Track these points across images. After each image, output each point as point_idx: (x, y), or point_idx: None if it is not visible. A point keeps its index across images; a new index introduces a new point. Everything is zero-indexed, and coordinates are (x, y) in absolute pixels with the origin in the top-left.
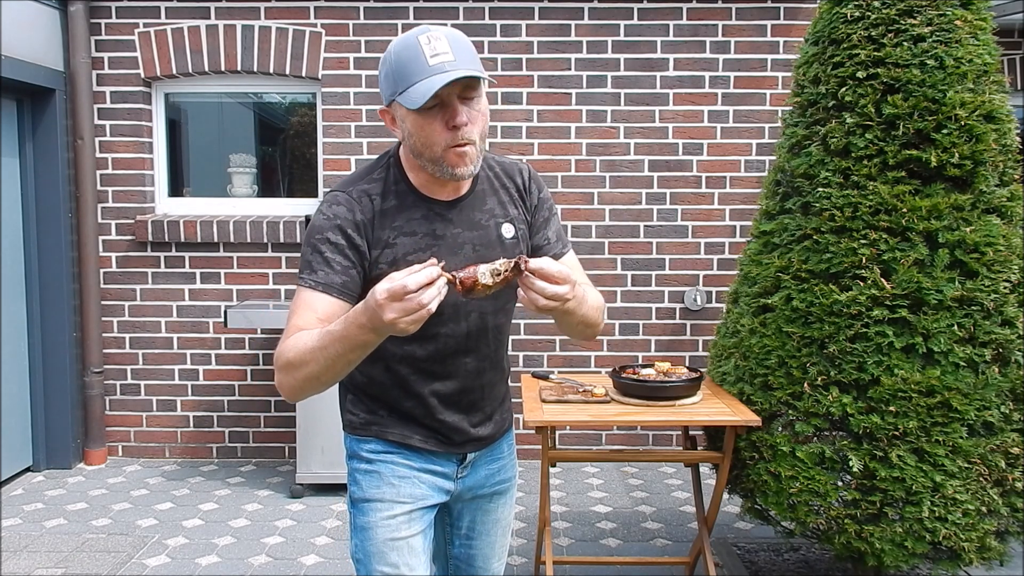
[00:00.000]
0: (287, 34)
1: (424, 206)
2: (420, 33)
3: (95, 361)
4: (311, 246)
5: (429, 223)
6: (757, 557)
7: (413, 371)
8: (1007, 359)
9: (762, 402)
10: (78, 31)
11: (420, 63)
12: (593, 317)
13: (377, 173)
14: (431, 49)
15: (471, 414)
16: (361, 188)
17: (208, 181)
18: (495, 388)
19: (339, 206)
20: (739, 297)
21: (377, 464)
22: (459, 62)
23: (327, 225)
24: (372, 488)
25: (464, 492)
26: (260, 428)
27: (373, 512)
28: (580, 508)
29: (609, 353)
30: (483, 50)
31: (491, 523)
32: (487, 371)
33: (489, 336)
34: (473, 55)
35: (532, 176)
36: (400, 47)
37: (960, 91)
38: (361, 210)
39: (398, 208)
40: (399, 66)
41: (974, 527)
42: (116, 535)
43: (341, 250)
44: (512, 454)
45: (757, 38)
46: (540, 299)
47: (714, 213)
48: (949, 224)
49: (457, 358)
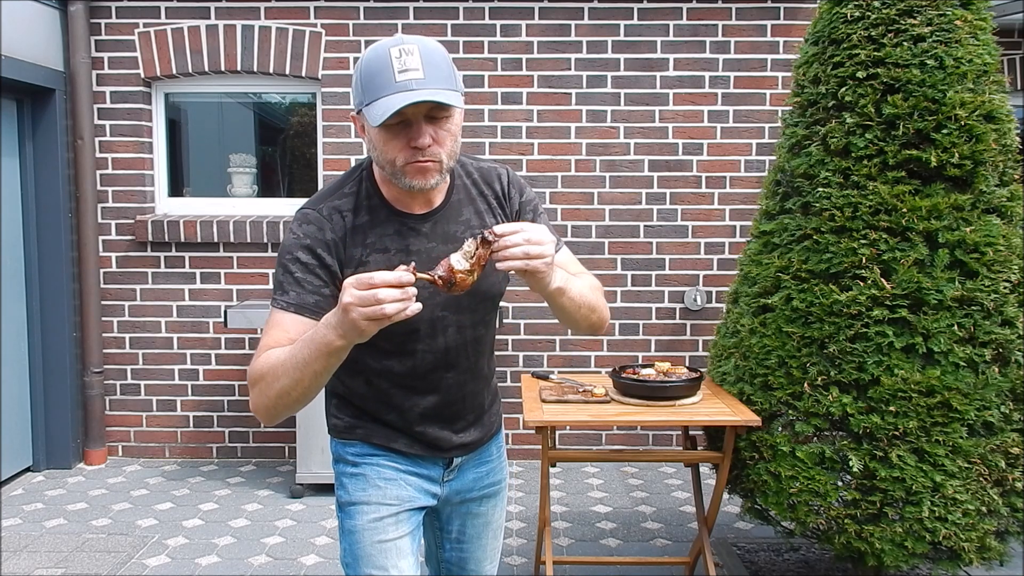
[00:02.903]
0: (287, 34)
1: (397, 221)
2: (393, 44)
3: (95, 361)
4: (282, 266)
5: (402, 238)
6: (757, 557)
7: (393, 385)
8: (1007, 359)
9: (762, 402)
10: (78, 31)
11: (386, 77)
12: (593, 298)
13: (349, 187)
14: (400, 64)
15: (454, 423)
16: (332, 205)
17: (208, 181)
18: (477, 397)
19: (309, 224)
20: (739, 297)
21: (363, 467)
22: (428, 80)
23: (297, 245)
24: (358, 491)
25: (452, 496)
26: (260, 428)
27: (360, 515)
28: (580, 508)
29: (609, 353)
30: (483, 50)
31: (481, 526)
32: (468, 383)
33: (468, 349)
34: (446, 73)
35: (512, 180)
36: (371, 57)
37: (960, 91)
38: (332, 228)
39: (370, 224)
40: (367, 77)
41: (974, 527)
42: (116, 535)
43: (311, 269)
44: (501, 457)
45: (757, 38)
46: (518, 262)
47: (714, 213)
48: (949, 224)
49: (436, 373)
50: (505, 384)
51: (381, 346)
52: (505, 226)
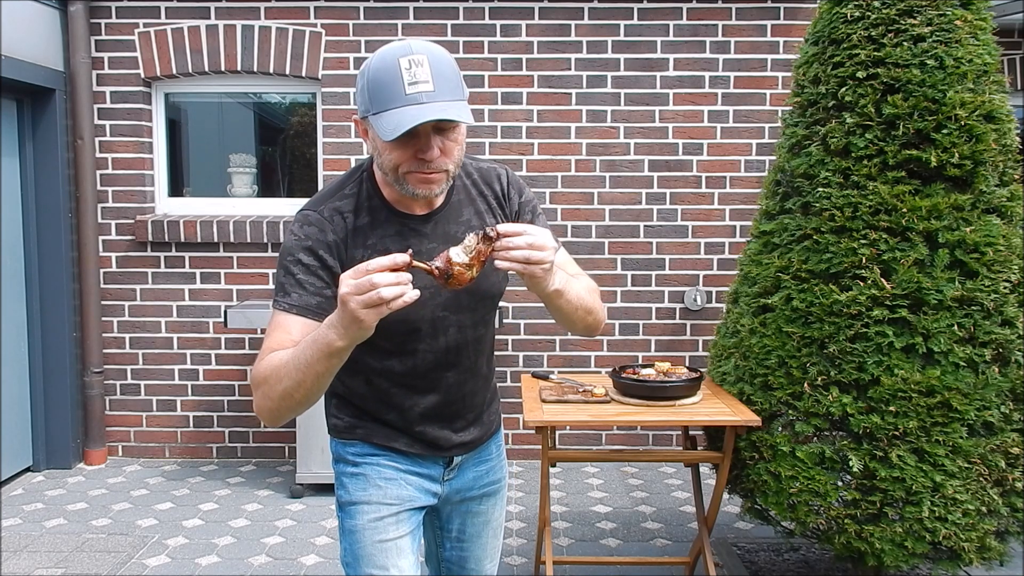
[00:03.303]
0: (287, 34)
1: (398, 222)
2: (402, 55)
3: (95, 361)
4: (283, 268)
5: (403, 239)
6: (757, 557)
7: (393, 385)
8: (1007, 359)
9: (762, 402)
10: (78, 31)
11: (396, 89)
12: (590, 300)
13: (349, 188)
14: (411, 76)
15: (454, 422)
16: (332, 206)
17: (208, 181)
18: (477, 396)
19: (310, 226)
20: (739, 297)
21: (363, 467)
22: (438, 93)
23: (298, 246)
24: (359, 491)
25: (452, 495)
26: (260, 428)
27: (360, 515)
28: (580, 508)
29: (609, 353)
30: (483, 50)
31: (481, 525)
32: (468, 382)
33: (469, 349)
34: (455, 84)
35: (511, 181)
36: (379, 65)
37: (960, 91)
38: (333, 229)
39: (371, 225)
40: (375, 86)
41: (974, 527)
42: (116, 535)
43: (313, 271)
44: (501, 455)
45: (757, 38)
46: (518, 264)
47: (714, 213)
48: (949, 224)
49: (437, 372)
50: (505, 384)
51: (382, 346)
52: (510, 226)
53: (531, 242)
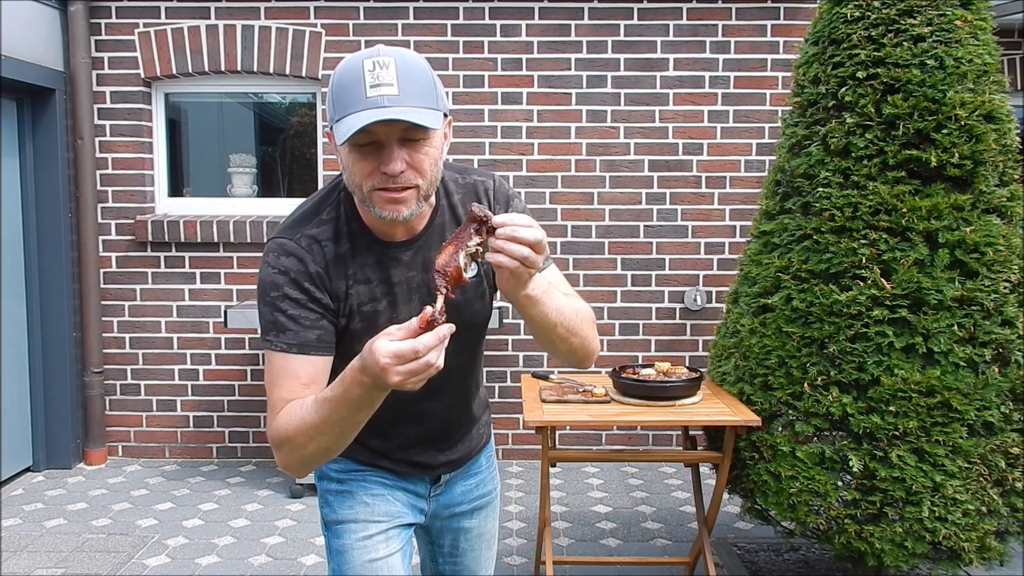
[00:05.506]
0: (287, 34)
1: (378, 249)
2: (367, 56)
3: (95, 361)
4: (270, 305)
5: (383, 269)
6: (757, 557)
7: (375, 415)
8: (1007, 359)
9: (762, 402)
10: (78, 31)
11: (357, 92)
12: (574, 320)
13: (327, 213)
14: (373, 78)
15: (439, 444)
16: (309, 234)
17: (208, 181)
18: (464, 416)
19: (288, 257)
20: (739, 297)
21: (348, 483)
22: (402, 97)
23: (280, 281)
24: (345, 509)
25: (440, 510)
26: (260, 428)
27: (348, 534)
28: (580, 508)
29: (609, 353)
30: (483, 50)
31: (474, 538)
32: (453, 407)
33: (452, 376)
34: (426, 90)
35: (496, 194)
36: (343, 69)
37: (960, 91)
38: (313, 260)
39: (352, 252)
40: (338, 91)
41: (974, 527)
42: (116, 535)
43: (303, 304)
44: (491, 467)
45: (757, 38)
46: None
47: (714, 213)
48: (949, 224)
49: (420, 404)
50: (505, 384)
51: None
52: (518, 217)
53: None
